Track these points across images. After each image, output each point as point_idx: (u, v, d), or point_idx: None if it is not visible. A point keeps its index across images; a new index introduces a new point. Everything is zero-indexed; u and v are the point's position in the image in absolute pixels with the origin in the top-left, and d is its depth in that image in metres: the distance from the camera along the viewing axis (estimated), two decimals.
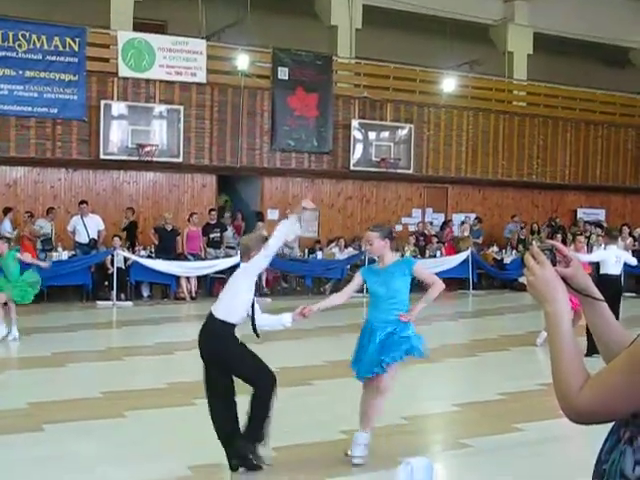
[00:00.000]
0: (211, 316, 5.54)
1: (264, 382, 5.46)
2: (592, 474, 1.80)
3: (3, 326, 10.89)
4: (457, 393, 8.53)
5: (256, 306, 5.68)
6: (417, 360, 9.83)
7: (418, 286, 6.61)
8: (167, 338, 11.63)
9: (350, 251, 18.99)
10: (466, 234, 20.34)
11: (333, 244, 19.38)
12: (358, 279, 6.01)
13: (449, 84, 20.83)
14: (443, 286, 6.10)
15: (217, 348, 5.46)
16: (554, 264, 1.99)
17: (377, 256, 5.93)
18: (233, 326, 5.50)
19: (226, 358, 5.45)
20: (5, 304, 10.98)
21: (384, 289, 5.78)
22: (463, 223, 20.86)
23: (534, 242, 18.30)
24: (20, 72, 16.29)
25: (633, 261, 11.91)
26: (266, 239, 5.83)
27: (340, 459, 5.70)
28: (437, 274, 20.24)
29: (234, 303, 5.53)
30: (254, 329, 5.65)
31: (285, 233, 5.71)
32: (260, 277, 17.28)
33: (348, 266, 18.48)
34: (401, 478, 2.11)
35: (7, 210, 16.46)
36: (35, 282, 11.32)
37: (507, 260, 20.07)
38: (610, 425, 1.77)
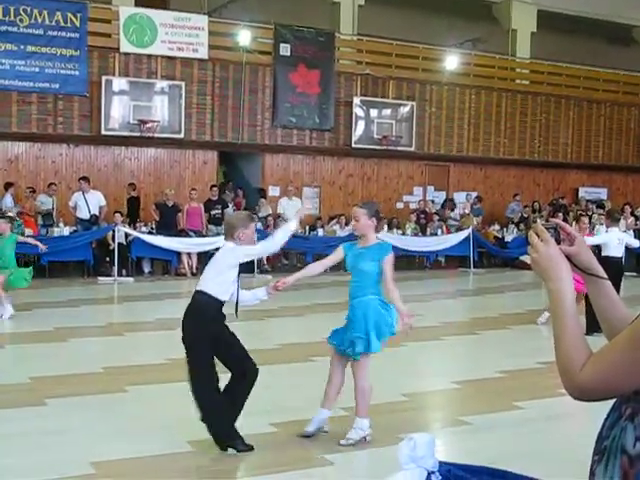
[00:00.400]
0: (196, 292, 5.47)
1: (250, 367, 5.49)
2: (593, 450, 1.82)
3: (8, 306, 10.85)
4: (457, 371, 8.57)
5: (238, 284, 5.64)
6: (418, 338, 9.93)
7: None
8: (168, 314, 11.63)
9: (351, 228, 18.95)
10: (467, 212, 20.36)
11: (334, 221, 19.38)
12: (339, 252, 5.85)
13: (452, 62, 20.75)
14: (396, 295, 5.75)
15: (200, 320, 5.38)
16: (558, 242, 1.99)
17: (360, 234, 5.77)
18: (218, 301, 5.43)
19: (205, 334, 5.37)
20: None
21: (354, 270, 5.71)
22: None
23: (538, 220, 18.28)
24: (21, 47, 16.24)
25: (635, 243, 11.91)
26: (252, 218, 5.74)
27: (341, 436, 5.73)
28: (438, 252, 20.34)
29: (218, 280, 5.45)
30: (236, 309, 5.60)
31: (282, 239, 5.72)
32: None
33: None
34: (403, 453, 2.12)
35: (8, 185, 16.45)
36: (29, 274, 11.28)
37: (508, 238, 20.08)
38: (611, 402, 1.78)
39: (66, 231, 16.02)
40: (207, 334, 5.34)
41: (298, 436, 5.68)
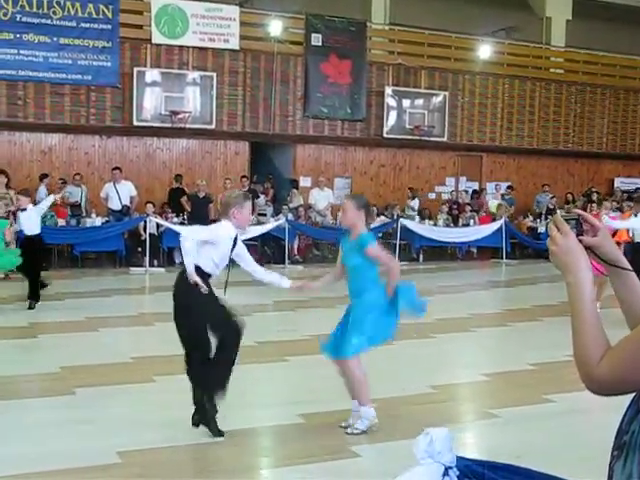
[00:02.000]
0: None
1: (230, 333, 5.49)
2: (612, 446, 1.77)
3: None
4: (487, 363, 8.49)
5: (248, 259, 5.86)
6: (448, 329, 9.87)
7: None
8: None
9: (382, 219, 18.90)
10: (497, 202, 20.21)
11: None
12: (340, 248, 5.93)
13: (485, 51, 20.54)
14: (398, 268, 5.79)
15: (185, 290, 5.43)
16: (581, 234, 1.95)
17: (348, 226, 5.74)
18: (200, 269, 5.43)
19: (191, 302, 5.42)
20: None
21: (347, 265, 5.71)
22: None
23: (558, 211, 18.07)
24: (54, 39, 16.34)
25: None
26: (247, 197, 5.82)
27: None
28: (470, 243, 20.17)
29: (200, 251, 5.48)
30: (225, 286, 5.65)
31: (265, 279, 5.96)
32: (291, 244, 17.33)
33: (380, 234, 18.42)
34: (420, 448, 2.09)
35: (43, 176, 16.62)
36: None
37: (541, 229, 19.87)
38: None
39: (98, 222, 16.15)
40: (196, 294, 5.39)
41: (340, 427, 5.69)
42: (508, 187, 21.13)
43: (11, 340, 9.01)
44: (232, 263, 5.76)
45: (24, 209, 11.25)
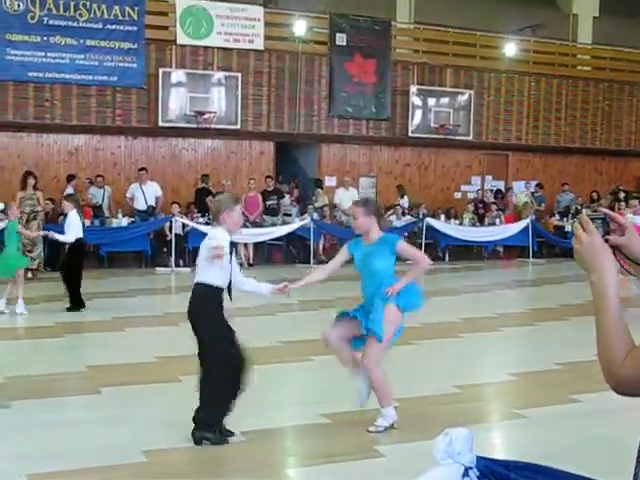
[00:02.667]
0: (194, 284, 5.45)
1: (217, 360, 5.30)
2: (637, 455, 1.74)
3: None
4: (513, 362, 8.43)
5: (235, 269, 5.55)
6: (474, 329, 9.82)
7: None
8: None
9: (408, 218, 18.87)
10: (524, 196, 20.10)
11: (390, 211, 19.26)
12: (343, 253, 5.83)
13: (511, 49, 20.42)
14: (427, 263, 5.84)
15: (192, 308, 5.41)
16: (607, 233, 1.93)
17: (361, 232, 5.70)
18: (211, 287, 5.36)
19: (196, 317, 5.38)
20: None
21: (366, 269, 5.62)
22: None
23: (584, 211, 17.90)
24: (81, 41, 16.48)
25: None
26: (237, 200, 5.70)
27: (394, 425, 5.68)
28: (496, 242, 20.05)
29: (201, 268, 5.41)
30: (229, 291, 5.50)
31: (249, 288, 5.71)
32: (317, 244, 17.34)
33: (405, 233, 18.37)
34: (439, 448, 2.08)
35: (71, 177, 16.75)
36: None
37: (568, 228, 19.70)
38: None
39: (124, 222, 16.25)
40: (206, 315, 5.36)
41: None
42: (537, 185, 20.98)
43: (38, 340, 9.09)
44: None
45: (66, 214, 11.25)
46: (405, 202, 19.58)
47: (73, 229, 10.81)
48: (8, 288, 10.58)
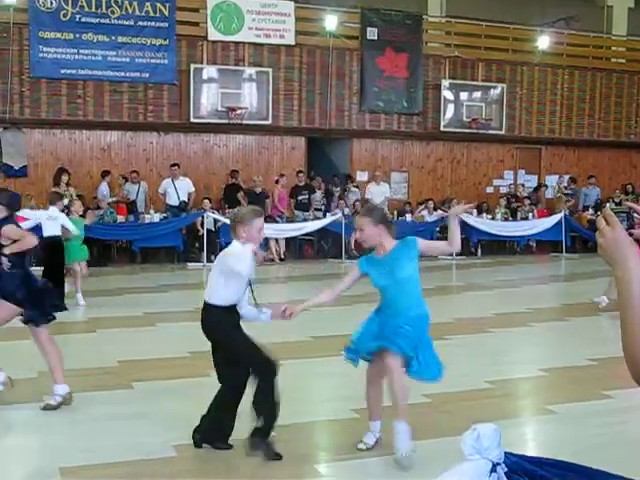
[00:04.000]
0: (204, 303, 5.17)
1: (260, 368, 5.05)
2: None
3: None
4: (544, 358, 8.35)
5: (245, 295, 5.19)
6: (506, 324, 9.75)
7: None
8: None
9: (439, 213, 18.77)
10: (559, 194, 19.93)
11: (422, 206, 19.20)
12: (354, 273, 5.18)
13: (544, 41, 20.23)
14: (452, 250, 5.34)
15: (207, 329, 5.15)
16: (632, 227, 1.90)
17: (372, 245, 5.12)
18: (222, 308, 5.07)
19: (215, 338, 5.15)
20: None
21: (393, 281, 4.97)
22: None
23: (607, 204, 17.69)
24: (113, 38, 16.61)
25: None
26: (258, 214, 5.11)
27: (417, 420, 5.66)
28: (529, 237, 19.88)
29: (215, 286, 5.09)
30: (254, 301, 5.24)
31: (250, 318, 5.27)
32: (348, 240, 17.32)
33: (437, 228, 18.31)
34: (467, 444, 2.06)
35: (105, 173, 16.90)
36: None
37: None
38: None
39: (156, 218, 16.35)
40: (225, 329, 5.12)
41: (358, 449, 5.24)
42: (570, 179, 20.79)
43: (70, 335, 9.17)
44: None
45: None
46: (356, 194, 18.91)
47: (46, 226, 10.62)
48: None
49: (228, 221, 15.93)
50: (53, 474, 4.68)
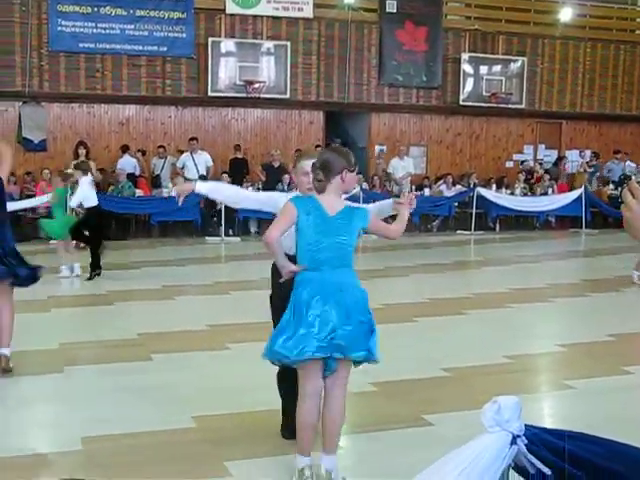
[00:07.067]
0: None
1: None
2: None
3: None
4: (564, 333, 8.32)
5: None
6: (525, 299, 9.70)
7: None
8: None
9: (458, 188, 18.69)
10: (582, 170, 19.77)
11: (441, 181, 19.10)
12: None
13: (566, 14, 19.97)
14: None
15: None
16: None
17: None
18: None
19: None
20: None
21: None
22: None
23: (633, 177, 17.52)
24: (131, 11, 16.57)
25: None
26: (309, 156, 4.54)
27: (437, 393, 5.66)
28: (548, 212, 19.70)
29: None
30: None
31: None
32: None
33: (456, 203, 18.24)
34: (488, 416, 2.05)
35: (125, 148, 16.93)
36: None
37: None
38: None
39: (174, 192, 16.32)
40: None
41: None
42: (593, 154, 20.59)
43: (89, 307, 9.25)
44: None
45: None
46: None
47: (78, 195, 10.93)
48: (62, 255, 10.96)
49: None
50: (75, 443, 4.72)
